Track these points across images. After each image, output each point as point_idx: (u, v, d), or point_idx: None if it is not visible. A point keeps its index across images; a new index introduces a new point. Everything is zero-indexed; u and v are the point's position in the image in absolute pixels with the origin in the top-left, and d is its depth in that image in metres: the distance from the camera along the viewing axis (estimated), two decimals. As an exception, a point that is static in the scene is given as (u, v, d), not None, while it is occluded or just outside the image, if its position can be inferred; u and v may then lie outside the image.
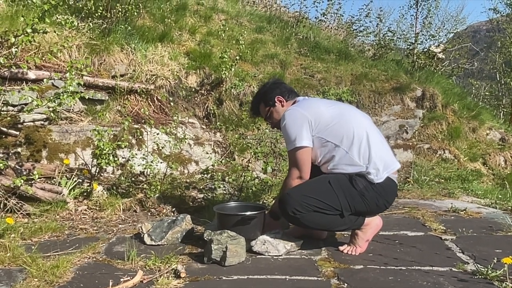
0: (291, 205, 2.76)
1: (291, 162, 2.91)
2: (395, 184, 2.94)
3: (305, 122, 2.86)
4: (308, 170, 2.88)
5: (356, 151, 2.81)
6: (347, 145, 2.82)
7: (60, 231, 3.25)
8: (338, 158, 2.82)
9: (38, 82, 4.44)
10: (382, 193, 2.82)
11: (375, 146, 2.84)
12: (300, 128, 2.85)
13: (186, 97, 5.85)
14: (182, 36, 6.59)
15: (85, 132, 4.52)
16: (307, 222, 2.79)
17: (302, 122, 2.86)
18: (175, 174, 4.61)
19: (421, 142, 6.81)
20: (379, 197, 2.82)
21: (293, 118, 2.90)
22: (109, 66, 5.38)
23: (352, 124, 2.88)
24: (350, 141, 2.82)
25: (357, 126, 2.88)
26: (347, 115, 2.96)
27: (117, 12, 5.66)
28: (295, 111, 2.94)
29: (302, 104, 3.04)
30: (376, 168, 2.79)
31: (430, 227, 3.50)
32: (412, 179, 5.53)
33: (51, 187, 3.74)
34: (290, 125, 2.89)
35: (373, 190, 2.79)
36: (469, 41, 16.19)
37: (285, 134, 2.93)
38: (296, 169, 2.86)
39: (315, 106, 2.98)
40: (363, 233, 2.87)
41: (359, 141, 2.82)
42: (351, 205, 2.78)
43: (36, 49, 4.76)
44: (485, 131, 7.55)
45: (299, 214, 2.75)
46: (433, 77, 7.88)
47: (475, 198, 4.90)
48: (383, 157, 2.85)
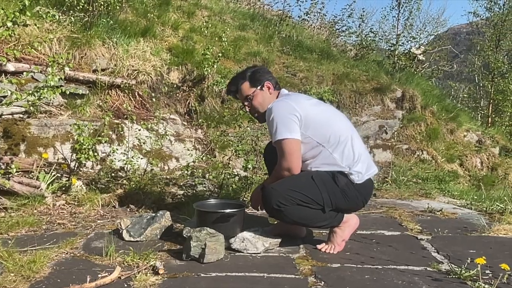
0: (275, 198, 2.74)
1: (281, 154, 2.82)
2: (372, 182, 3.01)
3: (295, 116, 2.79)
4: (299, 163, 2.82)
5: (340, 153, 2.82)
6: (332, 146, 2.82)
7: (37, 226, 3.22)
8: (321, 157, 2.83)
9: (18, 75, 4.38)
10: (362, 192, 2.87)
11: (358, 150, 2.87)
12: (290, 120, 2.79)
13: (167, 93, 5.82)
14: (164, 31, 6.56)
15: (65, 126, 4.48)
16: (290, 215, 2.78)
17: (292, 115, 2.79)
18: (155, 170, 4.59)
19: (400, 143, 6.90)
20: (359, 195, 2.87)
21: (284, 109, 2.82)
22: (90, 60, 5.33)
23: (339, 126, 2.90)
24: (335, 143, 2.82)
25: (343, 129, 2.91)
26: (333, 116, 2.98)
27: (99, 6, 5.61)
28: (285, 103, 2.87)
29: (290, 98, 2.97)
30: (358, 172, 2.82)
31: (407, 227, 3.56)
32: (390, 179, 5.60)
33: (29, 181, 3.70)
34: (281, 116, 2.80)
35: (354, 188, 2.82)
36: (449, 44, 16.41)
37: (273, 125, 2.81)
38: (286, 161, 2.79)
39: (303, 102, 2.93)
40: (341, 231, 2.89)
41: (344, 144, 2.83)
42: (332, 201, 2.80)
43: (16, 41, 4.70)
44: (463, 133, 7.69)
45: (283, 207, 2.74)
46: (413, 78, 7.99)
47: (451, 199, 4.99)
48: (365, 162, 2.89)
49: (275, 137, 2.80)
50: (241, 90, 3.04)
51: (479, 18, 16.67)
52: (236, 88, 3.06)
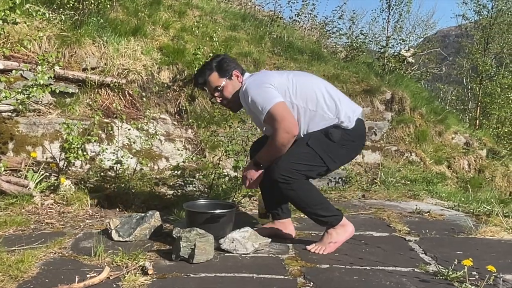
0: (280, 170, 2.76)
1: (275, 122, 2.76)
2: (363, 122, 3.03)
3: (269, 85, 2.83)
4: (295, 122, 2.81)
5: (323, 107, 2.86)
6: (313, 104, 2.86)
7: (25, 225, 3.20)
8: (308, 119, 2.87)
9: (6, 73, 4.35)
10: (357, 135, 2.95)
11: (337, 96, 2.93)
12: (267, 90, 2.82)
13: (158, 93, 5.81)
14: (155, 30, 6.54)
15: (54, 125, 4.46)
16: (297, 188, 2.79)
17: (266, 84, 2.83)
18: (145, 170, 4.59)
19: (389, 144, 6.94)
20: (357, 140, 2.96)
21: (257, 85, 2.86)
22: (80, 58, 5.30)
23: (310, 81, 2.97)
24: (314, 99, 2.86)
25: (315, 83, 2.98)
26: (302, 76, 3.05)
27: (90, 4, 5.58)
28: (255, 81, 2.91)
29: (257, 75, 3.03)
30: (347, 116, 2.87)
31: (395, 228, 3.59)
32: (379, 180, 5.64)
33: (17, 180, 3.68)
34: (257, 91, 2.82)
35: (349, 136, 2.88)
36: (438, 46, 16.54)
37: (255, 104, 2.81)
38: (283, 124, 2.75)
39: (270, 73, 3.03)
40: (335, 234, 2.89)
41: (323, 97, 2.88)
42: (334, 159, 2.88)
43: (5, 39, 4.66)
44: (451, 135, 7.76)
45: (291, 180, 2.76)
46: (403, 80, 8.05)
47: (439, 201, 5.03)
48: (348, 105, 2.96)
49: (263, 112, 2.79)
50: (209, 81, 3.01)
51: (468, 21, 16.83)
52: (204, 80, 3.02)
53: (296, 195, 2.83)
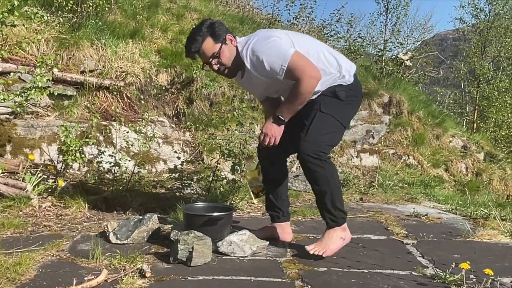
0: (311, 145, 2.69)
1: (297, 71, 2.61)
2: (357, 77, 3.01)
3: (278, 39, 2.68)
4: (315, 66, 2.68)
5: (324, 62, 2.79)
6: (315, 59, 2.74)
7: (23, 228, 3.20)
8: None
9: (4, 75, 4.34)
10: (358, 91, 2.95)
11: (335, 52, 2.91)
12: (276, 42, 2.67)
13: (156, 96, 5.81)
14: (153, 33, 6.54)
15: (52, 127, 4.46)
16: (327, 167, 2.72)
17: (275, 40, 2.68)
18: (143, 172, 4.59)
19: (386, 148, 6.96)
20: (358, 95, 2.94)
21: (263, 40, 2.71)
22: (78, 61, 5.31)
23: (307, 41, 2.89)
24: (315, 55, 2.76)
25: (312, 41, 2.94)
26: (298, 35, 2.97)
27: (88, 7, 5.59)
28: (260, 40, 2.72)
29: (256, 35, 2.81)
30: (347, 70, 2.85)
31: (393, 231, 3.59)
32: (377, 183, 5.65)
33: (15, 182, 3.68)
34: (269, 51, 2.66)
35: (352, 91, 2.85)
36: (435, 49, 16.59)
37: (269, 63, 2.64)
38: (307, 72, 2.62)
39: (271, 31, 2.90)
40: (336, 236, 2.83)
41: (322, 53, 2.82)
42: (348, 118, 2.91)
43: (3, 41, 4.66)
44: (448, 138, 7.78)
45: (322, 154, 2.71)
46: (400, 84, 8.07)
47: (437, 204, 5.04)
48: (346, 60, 2.93)
49: (282, 67, 2.63)
50: (204, 49, 2.75)
51: (465, 25, 16.90)
52: (198, 48, 2.74)
53: (325, 173, 2.72)
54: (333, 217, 2.83)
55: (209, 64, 2.81)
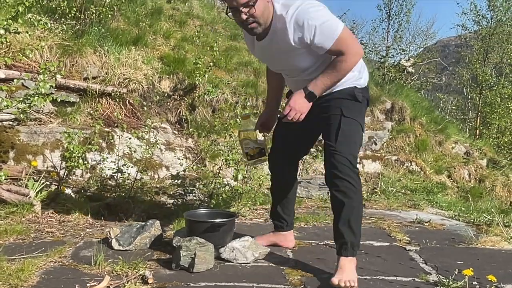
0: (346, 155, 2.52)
1: (344, 49, 2.44)
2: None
3: (328, 11, 2.52)
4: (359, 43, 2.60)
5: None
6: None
7: (25, 234, 3.20)
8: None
9: (8, 82, 4.36)
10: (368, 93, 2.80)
11: None
12: (329, 14, 2.50)
13: (158, 102, 5.83)
14: (156, 40, 6.57)
15: (55, 134, 4.47)
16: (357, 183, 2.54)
17: (325, 8, 2.51)
18: (145, 179, 4.59)
19: (389, 154, 6.95)
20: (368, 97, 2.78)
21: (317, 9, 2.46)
22: (81, 68, 5.32)
23: None
24: None
25: None
26: None
27: (91, 14, 5.62)
28: (310, 6, 2.47)
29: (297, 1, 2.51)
30: (365, 73, 2.77)
31: (395, 237, 3.58)
32: (379, 190, 5.64)
33: (18, 189, 3.68)
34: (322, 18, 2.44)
35: (366, 93, 2.74)
36: (438, 56, 16.61)
37: (322, 29, 2.41)
38: (354, 48, 2.48)
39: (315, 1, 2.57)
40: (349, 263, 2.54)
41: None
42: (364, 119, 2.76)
43: (7, 48, 4.68)
44: (451, 144, 7.77)
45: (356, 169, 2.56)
46: (403, 90, 8.08)
47: (440, 210, 5.03)
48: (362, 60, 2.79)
49: (331, 35, 2.41)
50: None
51: (467, 31, 16.93)
52: None
53: (356, 183, 2.54)
54: (354, 239, 2.55)
55: (237, 12, 2.48)
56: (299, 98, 2.54)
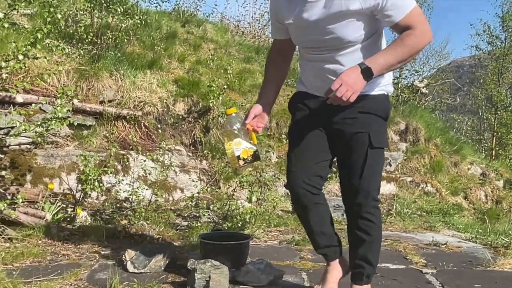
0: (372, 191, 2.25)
1: (417, 25, 2.05)
2: None
3: None
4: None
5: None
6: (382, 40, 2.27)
7: (42, 257, 3.22)
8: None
9: (26, 106, 4.45)
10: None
11: None
12: None
13: (173, 124, 5.89)
14: (171, 63, 6.67)
15: (71, 157, 4.52)
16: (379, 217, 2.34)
17: None
18: (160, 201, 4.61)
19: (404, 175, 6.90)
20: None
21: None
22: (97, 91, 5.41)
23: None
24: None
25: None
26: None
27: (107, 39, 5.74)
28: None
29: None
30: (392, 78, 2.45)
31: (412, 260, 3.54)
32: (394, 211, 5.59)
33: (35, 211, 3.73)
34: None
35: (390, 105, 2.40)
36: (452, 76, 16.57)
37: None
38: (426, 27, 2.08)
39: None
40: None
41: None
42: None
43: (25, 73, 4.78)
44: (467, 165, 7.70)
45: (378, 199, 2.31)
46: (417, 111, 8.06)
47: (456, 232, 4.97)
48: None
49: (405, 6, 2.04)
50: None
51: (481, 52, 16.88)
52: None
53: (378, 220, 2.33)
54: (370, 270, 2.39)
55: None
56: (353, 72, 2.03)
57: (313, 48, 2.25)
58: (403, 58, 2.08)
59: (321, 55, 2.22)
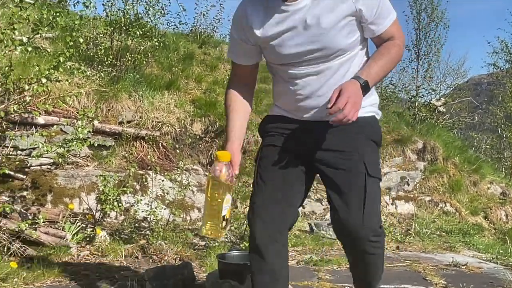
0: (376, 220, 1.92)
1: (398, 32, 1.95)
2: None
3: None
4: None
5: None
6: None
7: (62, 276, 3.26)
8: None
9: (47, 127, 4.53)
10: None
11: None
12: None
13: (190, 144, 5.94)
14: (188, 84, 6.75)
15: (91, 177, 4.59)
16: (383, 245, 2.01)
17: None
18: (177, 220, 4.64)
19: (422, 194, 6.84)
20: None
21: None
22: (116, 112, 5.50)
23: None
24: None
25: None
26: None
27: (127, 61, 5.84)
28: None
29: None
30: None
31: (431, 281, 3.51)
32: (413, 231, 5.54)
33: (55, 231, 3.78)
34: None
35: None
36: (470, 94, 16.45)
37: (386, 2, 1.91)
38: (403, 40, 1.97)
39: None
40: None
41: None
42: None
43: (47, 95, 4.89)
44: (486, 185, 7.60)
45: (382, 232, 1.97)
46: (434, 130, 8.01)
47: (476, 253, 4.90)
48: None
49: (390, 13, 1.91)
50: None
51: (499, 70, 16.76)
52: None
53: (382, 253, 2.01)
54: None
55: None
56: (355, 87, 1.77)
57: (295, 62, 1.97)
58: (390, 70, 1.94)
59: (306, 70, 1.95)
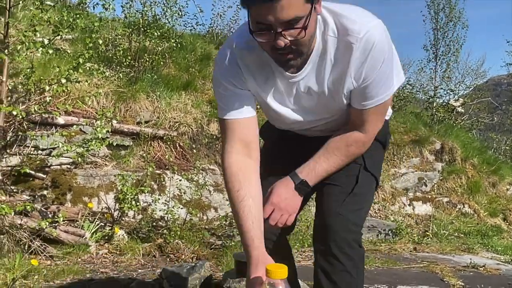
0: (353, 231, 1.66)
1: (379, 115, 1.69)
2: None
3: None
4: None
5: None
6: None
7: (81, 274, 3.31)
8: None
9: (67, 127, 4.61)
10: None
11: None
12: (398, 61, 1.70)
13: (207, 144, 5.97)
14: (205, 85, 6.78)
15: (109, 176, 4.65)
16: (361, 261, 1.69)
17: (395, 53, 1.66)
18: (194, 220, 4.67)
19: (440, 196, 6.79)
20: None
21: (390, 44, 1.58)
22: (134, 112, 5.56)
23: None
24: None
25: None
26: None
27: (145, 62, 5.91)
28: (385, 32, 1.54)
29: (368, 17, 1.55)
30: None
31: (449, 282, 3.48)
32: (431, 232, 5.50)
33: (74, 230, 3.84)
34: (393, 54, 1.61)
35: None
36: (489, 95, 16.24)
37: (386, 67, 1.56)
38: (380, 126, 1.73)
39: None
40: None
41: None
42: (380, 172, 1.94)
43: (67, 95, 4.96)
44: (505, 186, 7.52)
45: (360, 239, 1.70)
46: (452, 130, 7.94)
47: (495, 254, 4.85)
48: None
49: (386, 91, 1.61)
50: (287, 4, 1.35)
51: (519, 70, 16.55)
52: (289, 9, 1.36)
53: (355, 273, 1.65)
54: None
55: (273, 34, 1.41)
56: (285, 191, 1.69)
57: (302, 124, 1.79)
58: (341, 166, 1.73)
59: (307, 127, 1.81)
